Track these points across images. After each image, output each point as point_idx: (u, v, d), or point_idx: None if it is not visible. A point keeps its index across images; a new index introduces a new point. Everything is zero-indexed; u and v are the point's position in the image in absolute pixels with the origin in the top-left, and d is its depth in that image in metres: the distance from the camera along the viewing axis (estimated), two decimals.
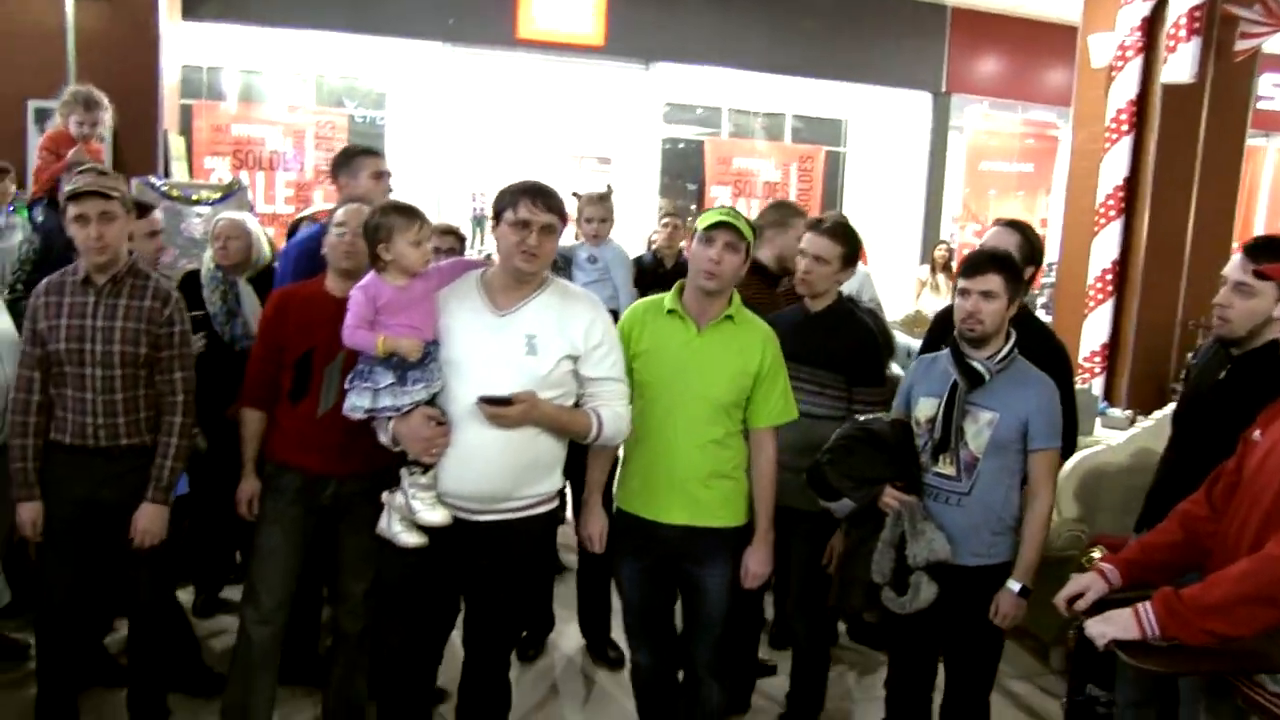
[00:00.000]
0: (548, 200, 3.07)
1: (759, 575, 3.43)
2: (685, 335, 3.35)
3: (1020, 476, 3.37)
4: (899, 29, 11.70)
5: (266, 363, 3.64)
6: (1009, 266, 3.36)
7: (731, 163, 12.33)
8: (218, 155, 10.18)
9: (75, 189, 3.44)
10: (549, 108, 11.64)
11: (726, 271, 3.27)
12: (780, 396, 3.40)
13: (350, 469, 3.58)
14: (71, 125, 5.28)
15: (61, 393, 3.50)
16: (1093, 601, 2.74)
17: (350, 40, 10.39)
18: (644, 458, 3.41)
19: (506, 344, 3.07)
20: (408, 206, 3.20)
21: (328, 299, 3.57)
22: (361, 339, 3.07)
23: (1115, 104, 6.99)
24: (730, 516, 3.40)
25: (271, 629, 3.70)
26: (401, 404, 3.03)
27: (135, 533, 3.54)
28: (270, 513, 3.65)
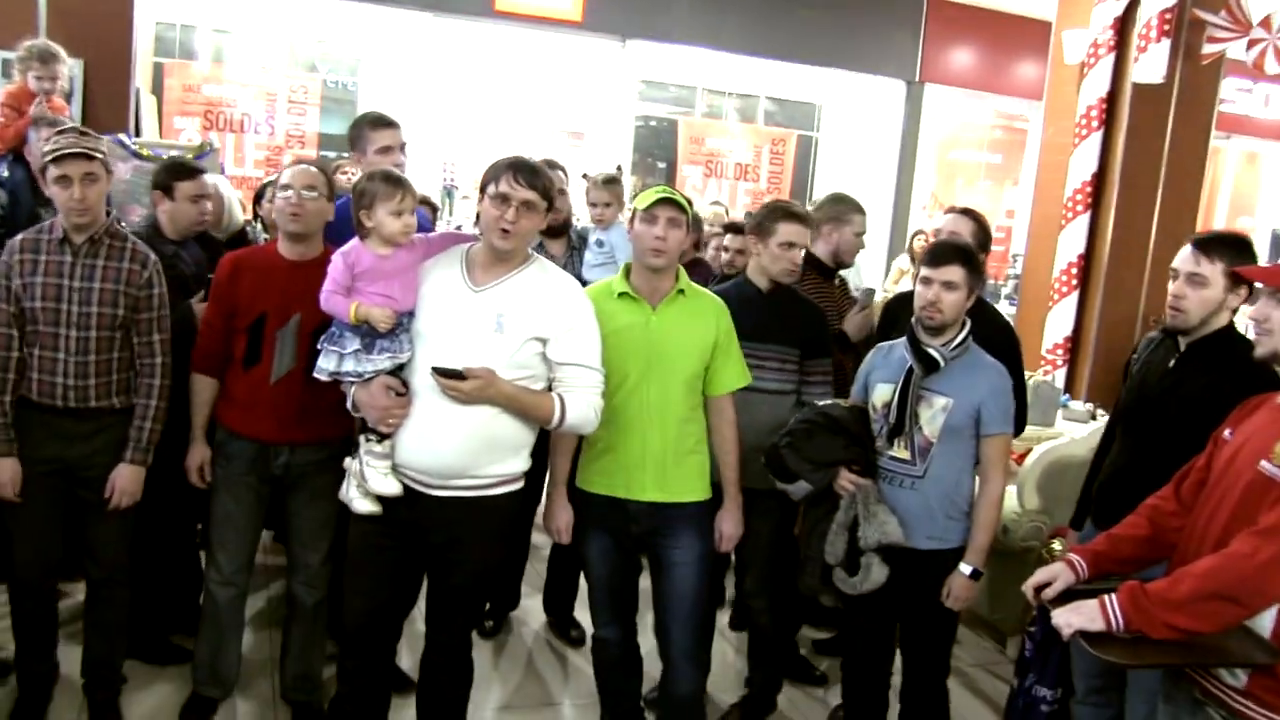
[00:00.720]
0: (530, 177, 3.05)
1: (733, 536, 3.54)
2: (641, 316, 3.39)
3: (973, 461, 3.46)
4: (875, 16, 11.71)
5: (217, 328, 3.63)
6: (971, 259, 3.45)
7: (704, 143, 12.35)
8: (188, 115, 10.07)
9: (59, 150, 3.40)
10: (524, 81, 11.60)
11: (673, 247, 3.33)
12: (736, 362, 3.50)
13: (302, 437, 3.61)
14: (30, 81, 5.22)
15: (33, 353, 3.47)
16: (1060, 591, 2.78)
17: (325, 3, 10.30)
18: (612, 439, 3.41)
19: (475, 319, 3.07)
20: (394, 175, 3.20)
21: (280, 263, 3.60)
22: (336, 304, 3.08)
23: (1086, 100, 7.07)
24: (700, 490, 3.47)
25: (234, 590, 3.77)
26: (364, 370, 3.05)
27: (112, 492, 3.54)
28: (223, 480, 3.68)
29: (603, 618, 3.64)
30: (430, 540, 3.20)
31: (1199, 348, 3.31)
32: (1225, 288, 3.21)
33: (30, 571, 3.62)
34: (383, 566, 3.25)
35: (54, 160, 3.40)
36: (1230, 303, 3.25)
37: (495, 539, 3.29)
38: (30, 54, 5.28)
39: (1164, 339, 3.50)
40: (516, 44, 11.22)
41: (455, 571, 3.23)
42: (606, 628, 3.65)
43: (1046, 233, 7.43)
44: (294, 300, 3.51)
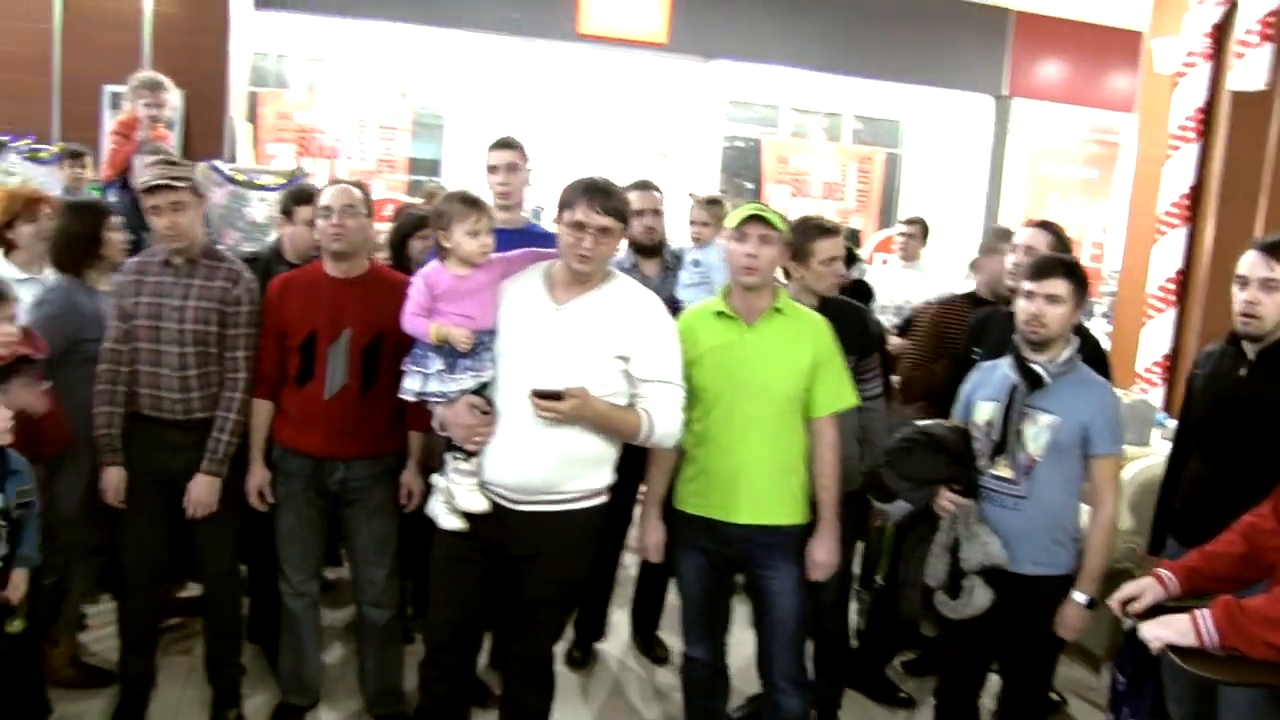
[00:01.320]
0: (606, 202, 3.06)
1: (825, 565, 3.39)
2: (736, 334, 3.34)
3: (1080, 483, 3.32)
4: (961, 32, 11.63)
5: (269, 350, 3.70)
6: (1075, 272, 3.34)
7: (789, 162, 12.32)
8: (281, 142, 10.32)
9: (146, 183, 3.59)
10: (610, 102, 11.66)
11: (764, 265, 3.27)
12: (836, 382, 3.39)
13: (356, 452, 3.66)
14: (140, 109, 5.41)
15: (140, 368, 3.64)
16: (1148, 605, 2.71)
17: (414, 31, 10.47)
18: (706, 459, 3.38)
19: (559, 338, 3.08)
20: (470, 196, 3.22)
21: (327, 281, 3.66)
22: (417, 325, 3.11)
23: (1181, 110, 6.91)
24: (796, 514, 3.38)
25: (305, 600, 3.84)
26: (448, 390, 3.08)
27: (189, 502, 3.65)
28: (284, 497, 3.73)
29: (693, 636, 3.59)
30: (511, 554, 3.21)
31: (1273, 353, 3.22)
32: None
33: (139, 576, 3.79)
34: (467, 580, 3.27)
35: (145, 192, 3.60)
36: None
37: (577, 553, 3.29)
38: (141, 84, 5.49)
39: (1227, 348, 3.40)
40: (602, 66, 11.32)
41: (536, 584, 3.24)
42: (696, 646, 3.59)
43: (1141, 248, 7.26)
44: (343, 317, 3.59)
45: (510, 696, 3.42)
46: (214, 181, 6.97)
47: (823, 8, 11.18)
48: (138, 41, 7.57)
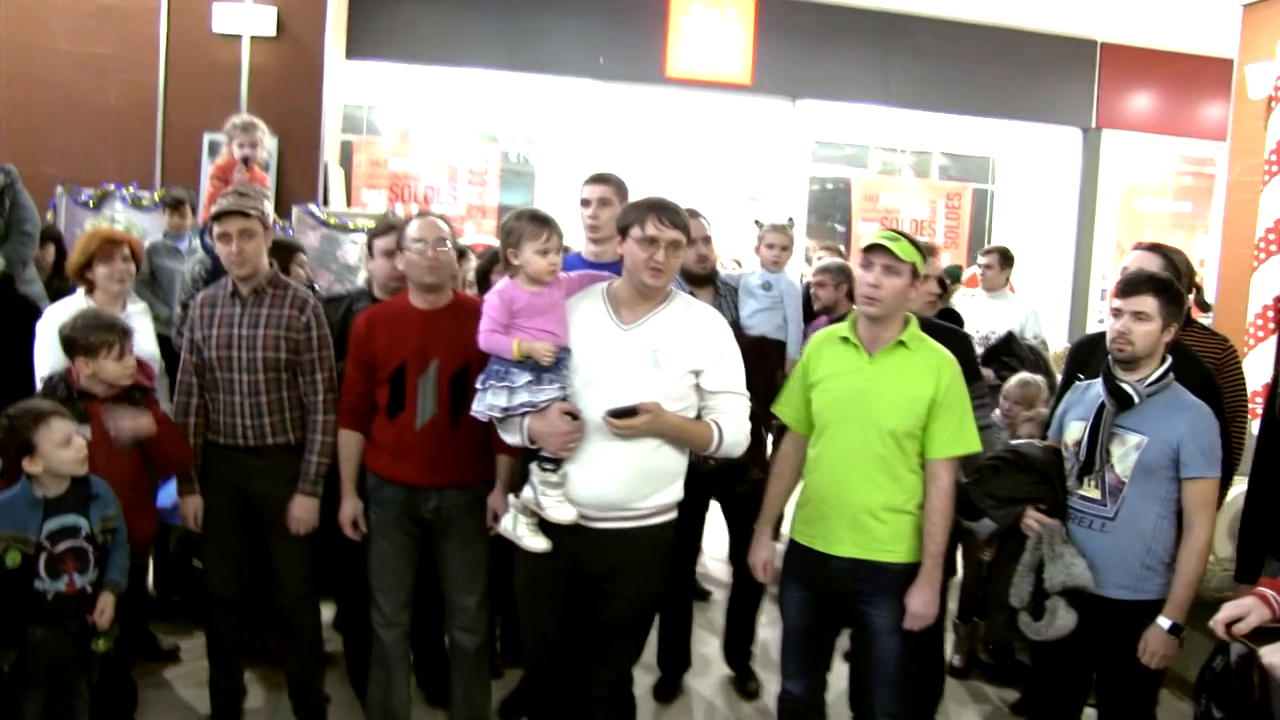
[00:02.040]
0: (674, 216, 3.13)
1: (920, 617, 3.27)
2: (857, 362, 3.31)
3: (1174, 508, 3.25)
4: (1047, 64, 11.51)
5: (359, 382, 3.77)
6: (1166, 289, 3.29)
7: (879, 200, 12.29)
8: (375, 189, 10.56)
9: (218, 209, 3.75)
10: (697, 145, 11.73)
11: (886, 295, 3.21)
12: (955, 425, 3.26)
13: (450, 481, 3.71)
14: (234, 149, 5.59)
15: (214, 397, 3.81)
16: (1254, 627, 2.63)
17: (503, 78, 10.63)
18: (816, 487, 3.38)
19: (631, 356, 3.14)
20: (541, 215, 3.28)
21: (413, 313, 3.73)
22: (497, 342, 3.15)
23: (1275, 135, 6.79)
24: (904, 552, 3.29)
25: (397, 631, 3.86)
26: (538, 400, 3.10)
27: (291, 521, 3.80)
28: (376, 525, 3.79)
29: (791, 670, 3.54)
30: (589, 572, 3.24)
31: None
32: None
33: (226, 590, 3.95)
34: (555, 598, 3.30)
35: (215, 218, 3.75)
36: None
37: (653, 570, 3.32)
38: (234, 126, 5.67)
39: None
40: (689, 108, 11.37)
41: (615, 603, 3.27)
42: (793, 680, 3.53)
43: (1238, 276, 7.13)
44: (431, 348, 3.65)
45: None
46: (308, 225, 7.17)
47: (906, 45, 11.15)
48: (236, 90, 7.82)
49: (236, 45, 7.93)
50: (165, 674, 4.56)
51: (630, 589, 3.26)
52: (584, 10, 10.44)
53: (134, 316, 4.29)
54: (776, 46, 10.87)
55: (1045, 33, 11.44)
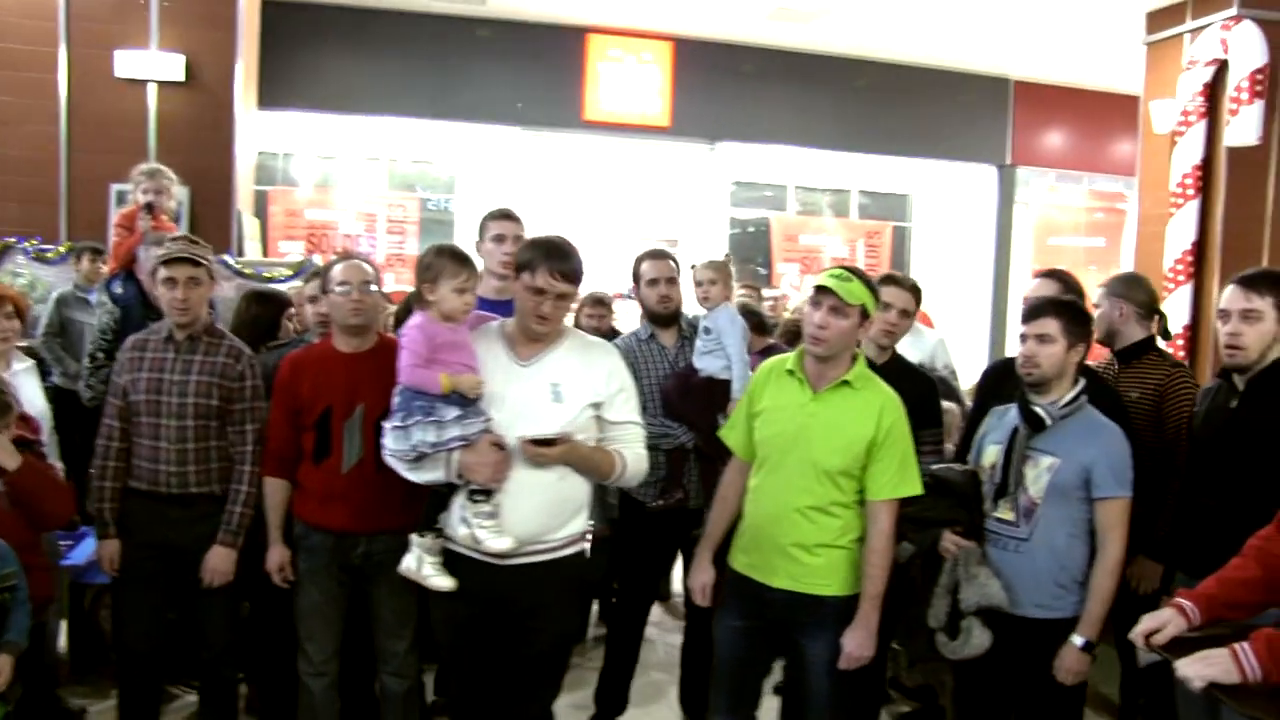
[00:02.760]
0: (564, 269, 3.12)
1: (855, 659, 3.24)
2: (801, 398, 3.31)
3: (1086, 528, 3.29)
4: (962, 103, 11.73)
5: (284, 428, 3.73)
6: (1066, 310, 3.35)
7: (798, 239, 12.37)
8: (292, 239, 10.42)
9: (169, 254, 3.70)
10: (616, 189, 11.74)
11: (832, 336, 3.20)
12: (897, 468, 3.24)
13: (378, 526, 3.64)
14: (140, 196, 5.47)
15: (139, 442, 3.73)
16: (1170, 638, 2.64)
17: (421, 125, 10.64)
18: (754, 517, 3.38)
19: (533, 391, 3.15)
20: (460, 253, 3.26)
21: (338, 357, 3.69)
22: (422, 377, 3.10)
23: (1180, 168, 6.96)
24: (839, 586, 3.27)
25: (326, 679, 3.79)
26: (469, 434, 3.07)
27: (205, 571, 3.72)
28: (306, 573, 3.73)
29: (720, 704, 3.51)
30: (508, 611, 3.20)
31: (1260, 382, 3.31)
32: (1277, 319, 3.28)
33: (138, 645, 3.83)
34: (476, 639, 3.27)
35: (164, 263, 3.69)
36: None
37: (572, 601, 3.32)
38: (140, 173, 5.58)
39: (1221, 383, 3.49)
40: (608, 153, 11.42)
41: (537, 638, 3.22)
42: (723, 714, 3.51)
43: None
44: (357, 391, 3.61)
45: None
46: (222, 275, 7.02)
47: (824, 87, 11.31)
48: (143, 140, 7.70)
49: (142, 92, 7.84)
50: None
51: (552, 623, 3.24)
52: (502, 57, 10.47)
53: (19, 375, 4.23)
54: (694, 89, 10.99)
55: (960, 70, 11.67)
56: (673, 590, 5.96)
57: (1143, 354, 4.08)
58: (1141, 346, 4.09)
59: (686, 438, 4.31)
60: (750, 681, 3.52)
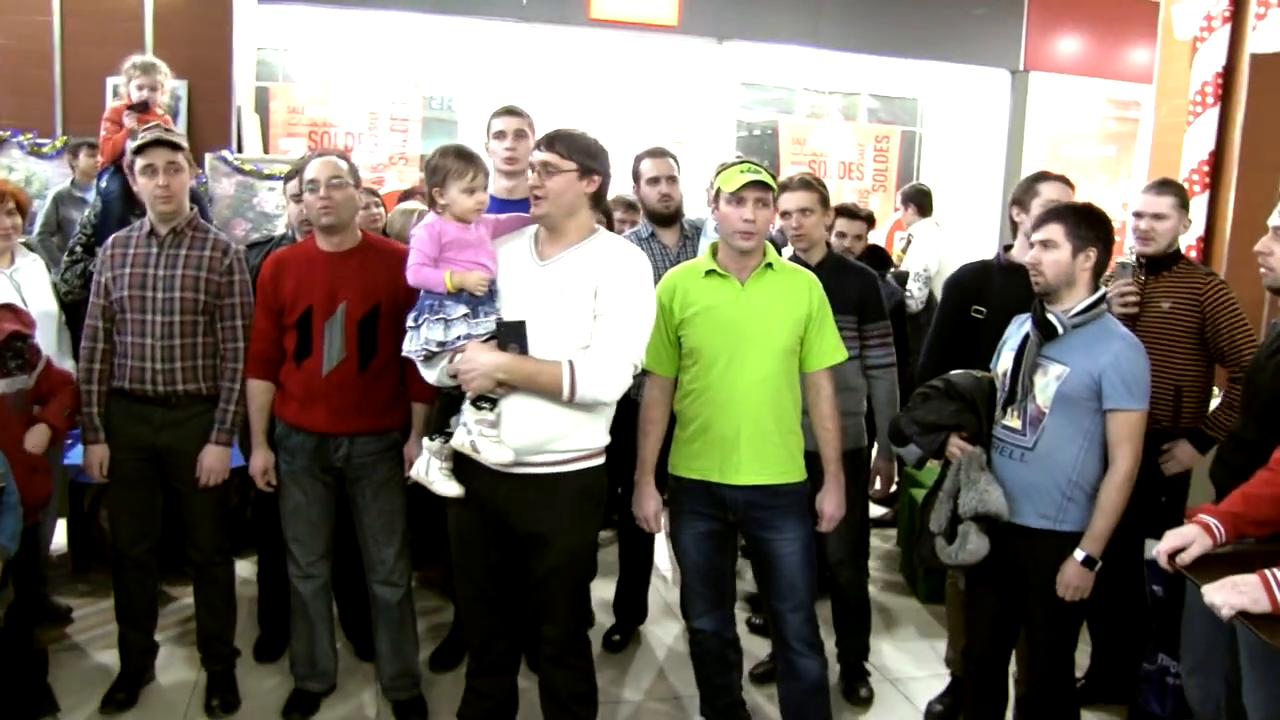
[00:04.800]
0: (549, 141, 3.06)
1: (834, 517, 3.47)
2: (730, 292, 3.34)
3: (1099, 440, 3.23)
4: (975, 5, 11.45)
5: (266, 330, 3.67)
6: (1072, 215, 3.27)
7: (806, 143, 12.20)
8: (293, 136, 10.26)
9: (142, 140, 3.62)
10: (622, 88, 11.55)
11: (761, 228, 3.29)
12: (831, 336, 3.43)
13: (359, 428, 3.63)
14: (132, 91, 5.32)
15: (123, 340, 3.68)
16: (1196, 557, 2.58)
17: (424, 21, 10.39)
18: (705, 420, 3.34)
19: (543, 291, 3.06)
20: (467, 152, 3.18)
21: (319, 255, 3.63)
22: (427, 276, 3.05)
23: (1200, 76, 6.81)
24: (796, 473, 3.39)
25: (316, 582, 3.82)
26: (476, 332, 3.02)
27: (201, 470, 3.70)
28: (288, 475, 3.72)
29: (698, 609, 3.54)
30: (516, 528, 3.15)
31: None
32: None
33: (133, 549, 3.83)
34: (486, 552, 3.23)
35: (139, 151, 3.62)
36: None
37: (582, 518, 3.21)
38: (132, 66, 5.38)
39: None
40: (614, 51, 11.19)
41: (547, 555, 3.16)
42: (702, 619, 3.53)
43: None
44: (338, 291, 3.56)
45: (545, 682, 3.34)
46: (222, 172, 6.93)
47: None
48: (140, 32, 7.55)
49: None
50: (77, 637, 4.47)
51: (559, 541, 3.16)
52: None
53: (24, 269, 4.14)
54: None
55: None
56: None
57: (1173, 264, 4.02)
58: (1173, 256, 4.04)
59: None
60: (724, 579, 3.56)
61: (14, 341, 3.52)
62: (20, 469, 3.37)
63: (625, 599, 4.73)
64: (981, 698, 3.57)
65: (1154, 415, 3.45)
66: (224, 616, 3.99)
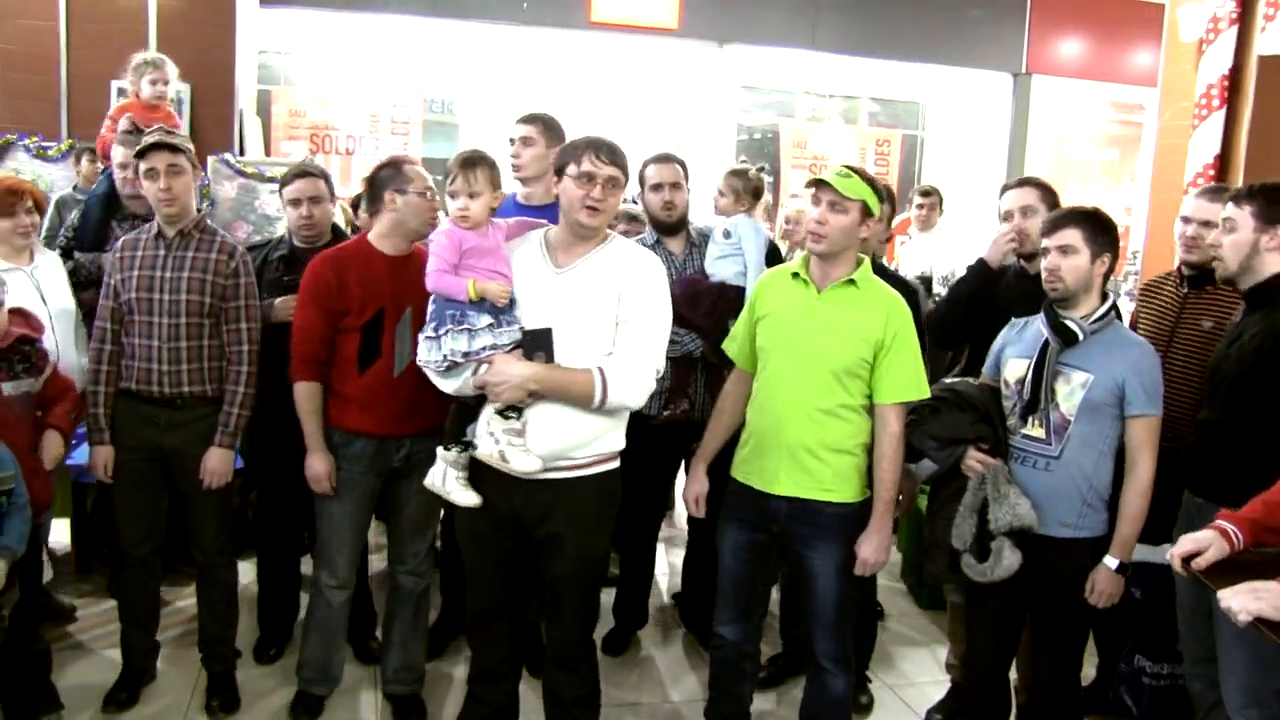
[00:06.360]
0: (611, 154, 3.02)
1: (872, 564, 3.26)
2: (805, 298, 3.28)
3: (1114, 445, 3.23)
4: (977, 7, 11.45)
5: (322, 332, 3.60)
6: (1090, 220, 3.24)
7: (807, 146, 12.19)
8: (295, 139, 10.25)
9: (144, 145, 3.63)
10: (623, 91, 11.56)
11: (833, 232, 3.18)
12: (908, 369, 3.22)
13: (421, 426, 3.61)
14: (144, 87, 5.29)
15: (130, 341, 3.69)
16: (1212, 562, 2.55)
17: (425, 24, 10.41)
18: (757, 423, 3.34)
19: (562, 302, 3.03)
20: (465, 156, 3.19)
21: (382, 258, 3.61)
22: (449, 283, 3.03)
23: (1206, 78, 6.74)
24: (844, 492, 3.26)
25: (347, 593, 3.81)
26: (501, 343, 2.99)
27: (204, 473, 3.70)
28: (343, 482, 3.66)
29: (725, 615, 3.51)
30: (529, 528, 3.14)
31: (1255, 296, 3.23)
32: (1255, 229, 3.17)
33: (137, 549, 3.83)
34: (498, 556, 3.22)
35: (140, 155, 3.63)
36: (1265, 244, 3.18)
37: (596, 523, 3.19)
38: (140, 62, 5.36)
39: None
40: (614, 54, 11.21)
41: (559, 560, 3.15)
42: (727, 626, 3.51)
43: (1166, 222, 7.00)
44: (402, 294, 3.54)
45: (549, 685, 3.33)
46: (224, 175, 6.91)
47: None
48: (143, 35, 7.59)
49: None
50: (80, 636, 4.48)
51: (573, 544, 3.14)
52: None
53: (43, 267, 4.15)
54: None
55: None
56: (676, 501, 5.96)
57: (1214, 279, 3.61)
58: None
59: (693, 345, 4.24)
60: (757, 592, 3.53)
61: (21, 345, 3.51)
62: (22, 471, 3.36)
63: (625, 604, 4.71)
64: (983, 707, 3.55)
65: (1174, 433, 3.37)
66: (226, 617, 3.98)
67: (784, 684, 4.32)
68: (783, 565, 3.67)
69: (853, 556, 3.27)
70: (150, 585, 3.94)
